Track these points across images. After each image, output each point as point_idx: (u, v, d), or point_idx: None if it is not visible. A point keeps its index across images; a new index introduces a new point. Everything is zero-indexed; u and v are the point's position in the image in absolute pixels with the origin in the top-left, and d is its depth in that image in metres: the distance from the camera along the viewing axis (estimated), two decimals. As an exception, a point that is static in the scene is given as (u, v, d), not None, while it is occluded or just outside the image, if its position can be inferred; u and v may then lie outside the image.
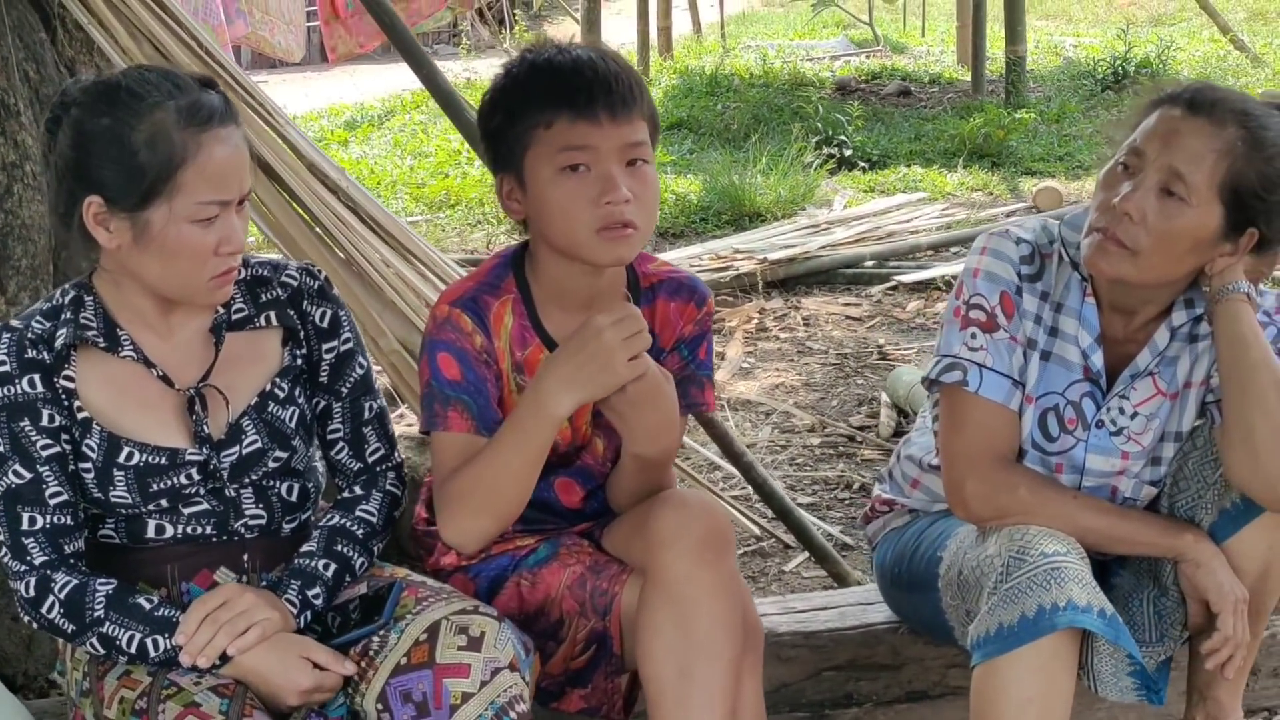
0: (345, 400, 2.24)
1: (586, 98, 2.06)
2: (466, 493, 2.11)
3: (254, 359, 2.18)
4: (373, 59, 15.52)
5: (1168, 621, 2.37)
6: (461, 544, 2.17)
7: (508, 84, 2.15)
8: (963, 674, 2.69)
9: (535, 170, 2.10)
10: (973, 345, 2.29)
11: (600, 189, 2.06)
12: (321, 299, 2.22)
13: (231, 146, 2.01)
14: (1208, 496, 2.32)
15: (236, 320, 2.17)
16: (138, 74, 2.04)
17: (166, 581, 2.11)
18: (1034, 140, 9.46)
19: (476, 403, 2.15)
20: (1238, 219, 2.18)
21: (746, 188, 7.64)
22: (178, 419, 2.10)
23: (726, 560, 2.12)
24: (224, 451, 2.11)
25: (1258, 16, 16.79)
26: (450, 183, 8.68)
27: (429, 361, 2.17)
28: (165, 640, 1.98)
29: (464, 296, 2.20)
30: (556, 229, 2.11)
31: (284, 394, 2.17)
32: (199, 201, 1.98)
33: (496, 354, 2.19)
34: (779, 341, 5.61)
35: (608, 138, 2.07)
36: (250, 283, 2.19)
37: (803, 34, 16.77)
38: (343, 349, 2.23)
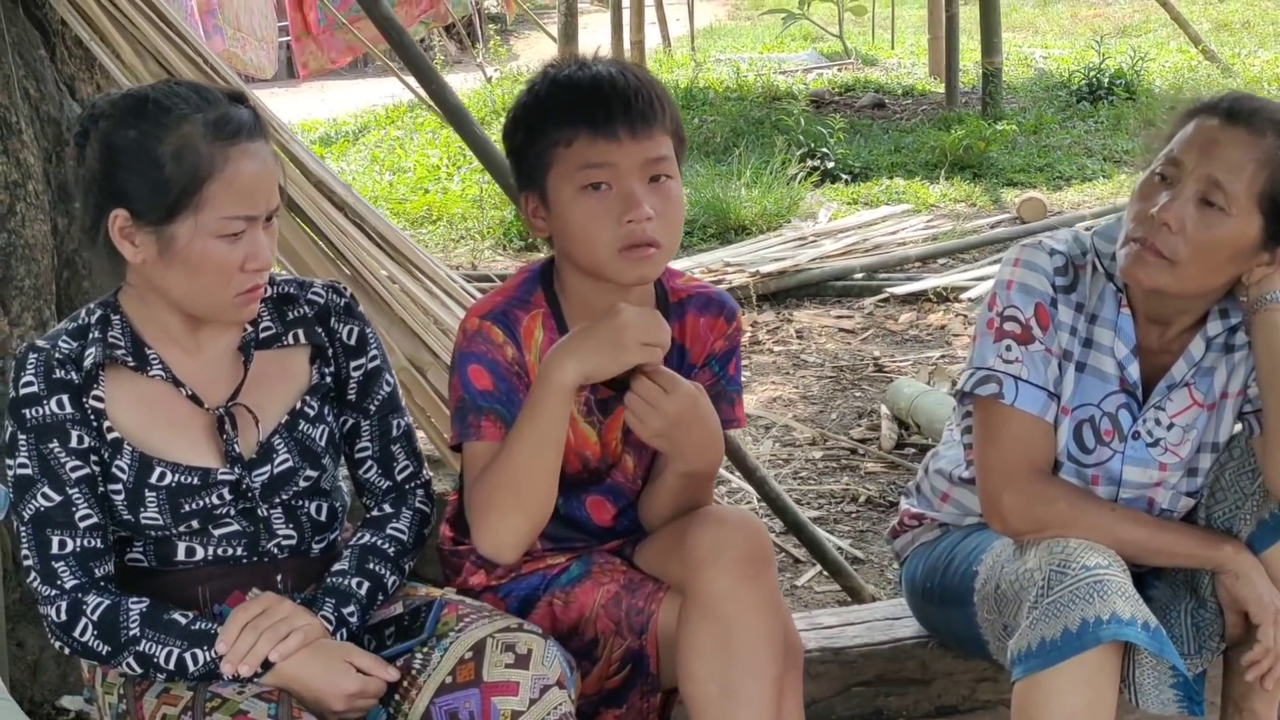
0: (374, 418, 2.21)
1: (605, 115, 2.04)
2: (491, 493, 2.06)
3: (283, 377, 2.16)
4: (342, 75, 15.53)
5: (1206, 633, 2.36)
6: (498, 550, 2.10)
7: (530, 101, 2.13)
8: (993, 688, 2.70)
9: (557, 189, 2.08)
10: (1008, 358, 2.28)
11: (622, 207, 2.04)
12: (348, 316, 2.20)
13: (259, 161, 1.99)
14: (1246, 507, 2.31)
15: (265, 338, 2.14)
16: (166, 87, 2.02)
17: (198, 604, 2.08)
18: (1014, 151, 9.50)
19: (509, 412, 2.12)
20: (1276, 228, 2.18)
21: (731, 201, 7.64)
22: (208, 438, 2.08)
23: (768, 576, 2.09)
24: (255, 471, 2.08)
25: (1222, 28, 16.95)
26: (431, 198, 8.64)
27: (460, 375, 2.14)
28: (205, 653, 1.95)
29: (494, 310, 2.17)
30: (579, 248, 2.09)
31: (314, 412, 2.15)
32: (224, 216, 1.95)
33: (527, 367, 2.17)
34: (773, 355, 5.60)
35: (628, 155, 2.04)
36: (277, 300, 2.17)
37: (771, 47, 16.81)
38: (370, 366, 2.21)
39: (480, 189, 8.48)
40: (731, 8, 24.30)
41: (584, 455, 2.22)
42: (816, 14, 15.76)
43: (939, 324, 5.94)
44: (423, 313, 3.38)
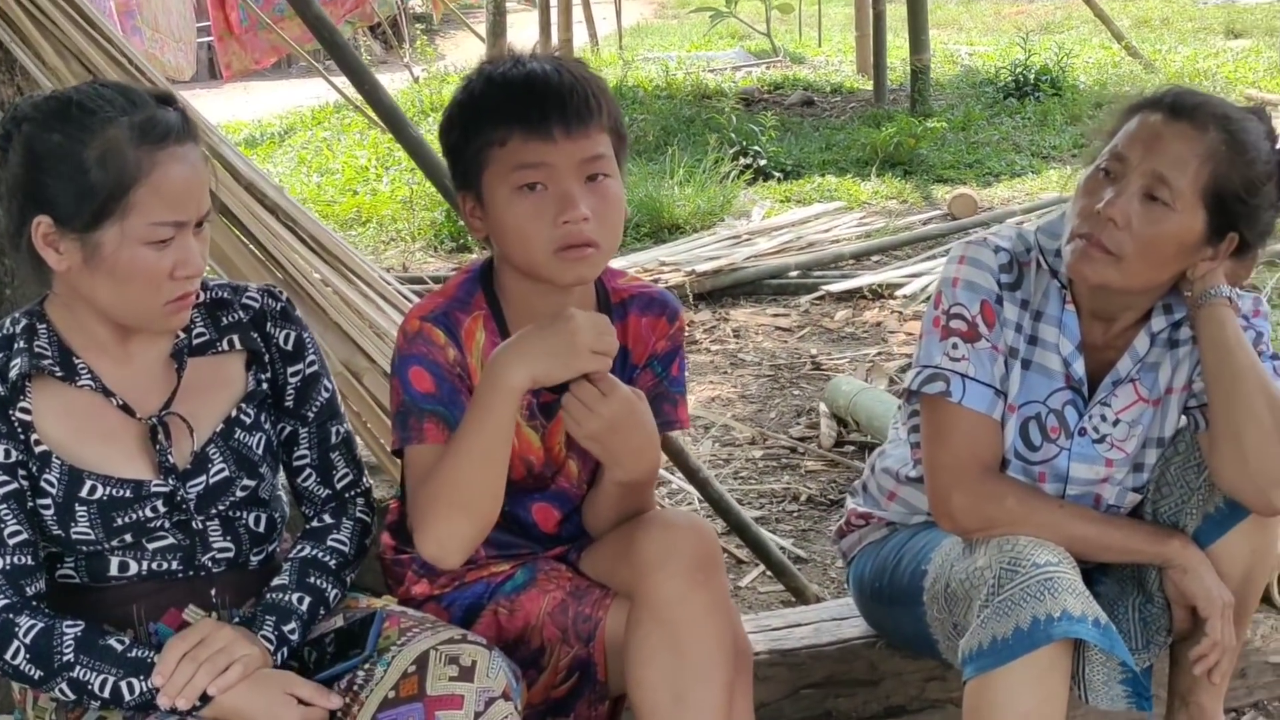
0: (312, 425, 2.17)
1: (540, 114, 1.99)
2: (436, 495, 2.00)
3: (217, 384, 2.10)
4: (266, 75, 15.35)
5: (1153, 628, 2.37)
6: (442, 555, 2.03)
7: (465, 100, 2.09)
8: (941, 687, 2.69)
9: (492, 190, 2.04)
10: (954, 355, 2.27)
11: (557, 208, 2.00)
12: (285, 321, 2.15)
13: (188, 165, 1.93)
14: (1192, 502, 2.32)
15: (198, 345, 2.09)
16: (91, 89, 1.95)
17: (133, 622, 2.02)
18: (943, 148, 9.55)
19: (452, 414, 2.07)
20: (1220, 223, 2.18)
21: (665, 199, 7.62)
22: (140, 449, 2.02)
23: (717, 580, 2.07)
24: (190, 482, 2.02)
25: (1143, 24, 17.21)
26: (360, 200, 8.55)
27: (401, 378, 2.10)
28: (141, 682, 1.89)
29: (435, 312, 2.13)
30: (515, 249, 2.06)
31: (250, 420, 2.10)
32: (152, 222, 1.89)
33: (469, 369, 2.13)
34: (711, 354, 5.58)
35: (563, 154, 2.00)
36: (210, 306, 2.11)
37: (699, 45, 16.84)
38: (308, 372, 2.16)
39: (410, 190, 8.40)
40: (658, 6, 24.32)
41: (528, 460, 2.18)
42: (743, 12, 15.79)
43: (875, 321, 5.95)
44: (358, 316, 3.32)
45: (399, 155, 9.51)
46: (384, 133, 10.25)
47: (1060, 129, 10.30)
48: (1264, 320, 2.32)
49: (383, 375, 3.20)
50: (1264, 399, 2.16)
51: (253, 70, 12.88)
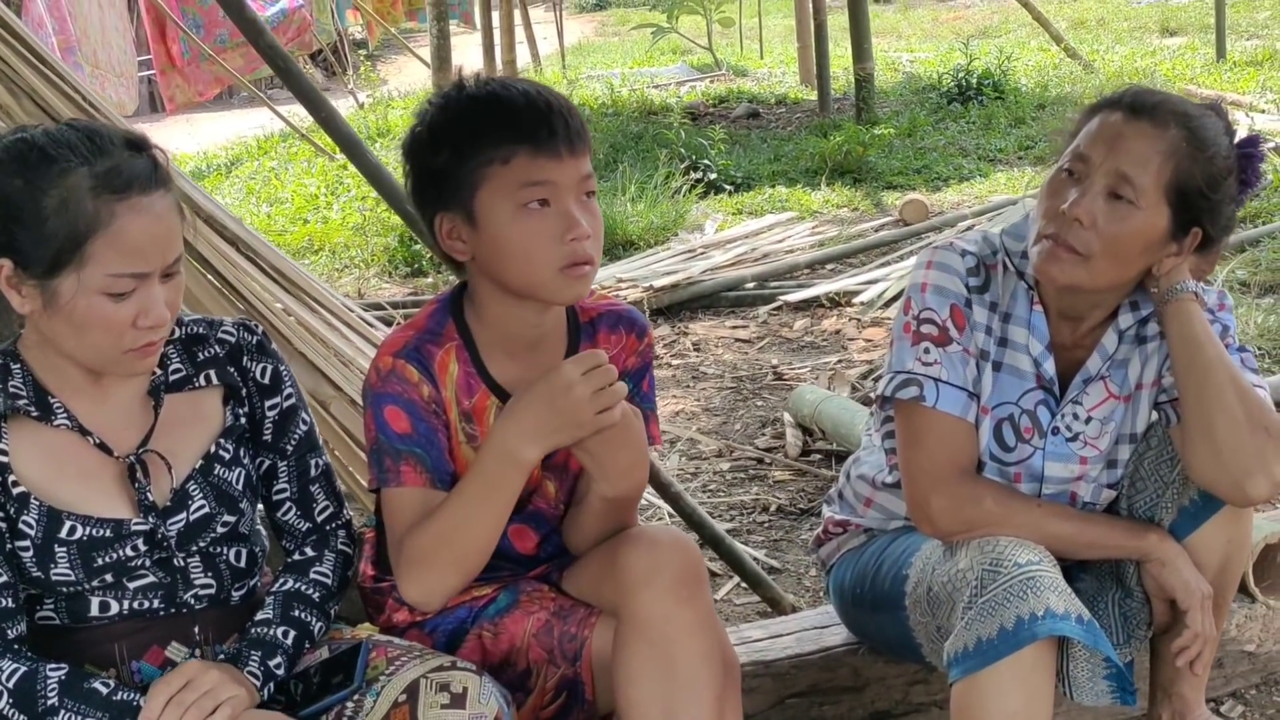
0: (291, 458, 2.16)
1: (548, 131, 2.00)
2: (432, 550, 2.02)
3: (195, 420, 2.08)
4: (208, 108, 15.26)
5: (1134, 622, 2.39)
6: (426, 602, 2.06)
7: (450, 119, 2.07)
8: (925, 690, 2.70)
9: (491, 208, 2.02)
10: (926, 360, 2.28)
11: (563, 226, 2.01)
12: (261, 354, 2.13)
13: (152, 217, 1.87)
14: (1166, 496, 2.34)
15: (175, 381, 2.07)
16: (57, 134, 1.91)
17: (115, 661, 1.99)
18: (891, 155, 9.62)
19: (429, 455, 2.07)
20: (1184, 219, 2.21)
21: (617, 217, 7.63)
22: (119, 488, 2.00)
23: (703, 596, 2.07)
24: (170, 519, 2.00)
25: (1079, 25, 17.44)
26: (312, 228, 8.50)
27: (375, 416, 2.09)
28: None
29: (407, 347, 2.12)
30: (516, 267, 2.04)
31: (229, 455, 2.08)
32: (110, 274, 1.86)
33: (444, 404, 2.12)
34: (672, 369, 5.58)
35: (567, 172, 2.01)
36: (186, 341, 2.09)
37: (641, 62, 16.92)
38: (285, 405, 2.15)
39: (363, 217, 8.36)
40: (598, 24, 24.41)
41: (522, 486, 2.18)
42: (684, 27, 15.88)
43: (834, 329, 5.97)
44: (322, 345, 3.30)
45: (349, 182, 9.49)
46: (332, 160, 10.28)
47: (1005, 131, 10.40)
48: (1229, 314, 2.35)
49: (350, 404, 3.18)
50: (1234, 390, 2.18)
51: (196, 102, 12.83)
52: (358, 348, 3.38)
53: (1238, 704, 2.91)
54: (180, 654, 2.01)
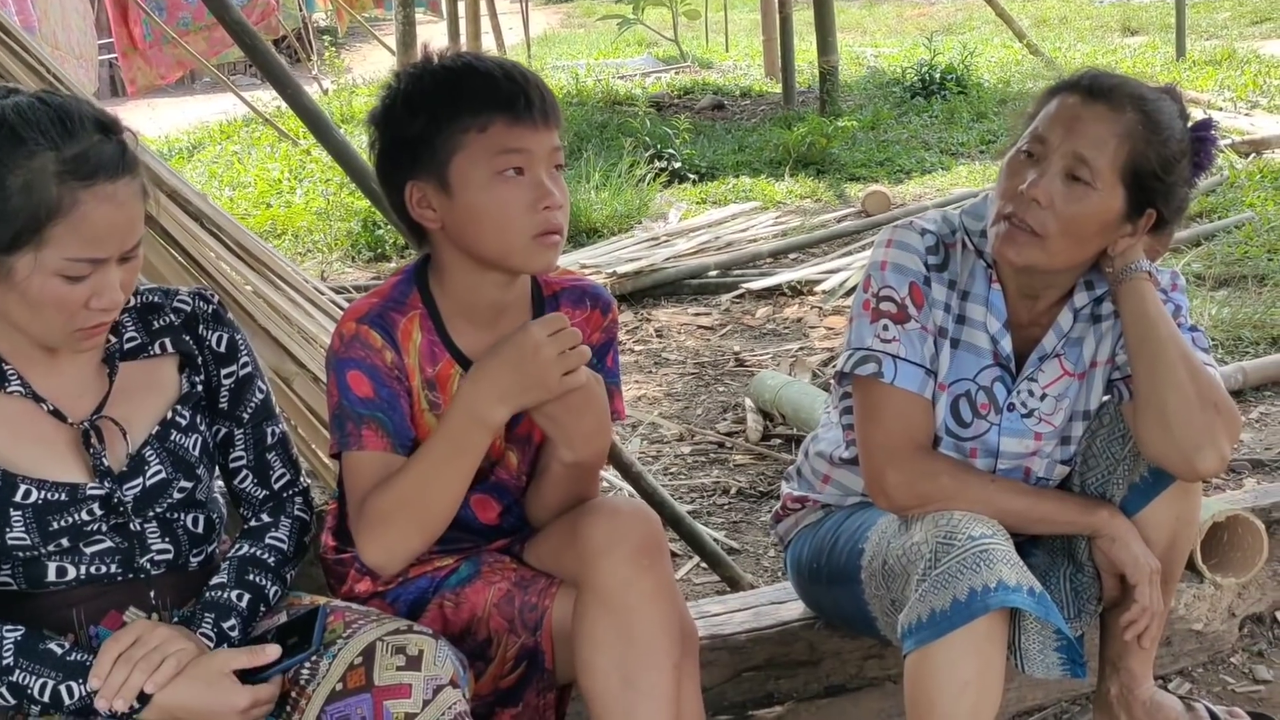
0: (247, 426, 2.17)
1: (525, 101, 2.03)
2: (393, 511, 2.03)
3: (150, 388, 2.09)
4: (170, 92, 15.16)
5: (1084, 596, 2.43)
6: (386, 565, 2.07)
7: (427, 87, 2.08)
8: (880, 665, 2.74)
9: (466, 175, 2.04)
10: (885, 337, 2.32)
11: (535, 195, 2.03)
12: (217, 323, 2.14)
13: (115, 204, 1.85)
14: (1118, 472, 2.38)
15: (130, 349, 2.08)
16: (29, 112, 1.87)
17: (73, 626, 2.00)
18: (854, 147, 9.67)
19: (391, 420, 2.09)
20: (1138, 200, 2.24)
21: (582, 204, 7.64)
22: (74, 454, 2.00)
23: (663, 565, 2.09)
24: (126, 484, 2.01)
25: (1042, 23, 17.56)
26: (275, 212, 8.47)
27: (337, 380, 2.10)
28: (80, 686, 1.87)
29: (370, 313, 2.13)
30: (489, 235, 2.06)
31: (186, 421, 2.09)
32: (67, 258, 1.84)
33: (407, 371, 2.14)
34: (635, 354, 5.61)
35: (541, 142, 2.04)
36: (142, 310, 2.10)
37: (607, 53, 16.92)
38: (242, 374, 2.16)
39: (326, 201, 8.34)
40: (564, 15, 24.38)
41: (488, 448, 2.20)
42: (650, 19, 15.91)
43: (795, 317, 6.01)
44: (285, 322, 3.31)
45: (312, 167, 9.46)
46: (296, 145, 10.25)
47: (967, 126, 10.47)
48: (1181, 294, 2.39)
49: (313, 380, 3.19)
50: (1185, 368, 2.23)
51: (157, 86, 12.72)
52: (321, 324, 3.38)
53: (1185, 681, 2.96)
54: (137, 619, 2.01)
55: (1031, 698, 2.84)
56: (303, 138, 10.16)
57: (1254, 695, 2.89)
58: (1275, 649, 3.06)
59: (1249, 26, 16.10)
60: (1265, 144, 8.82)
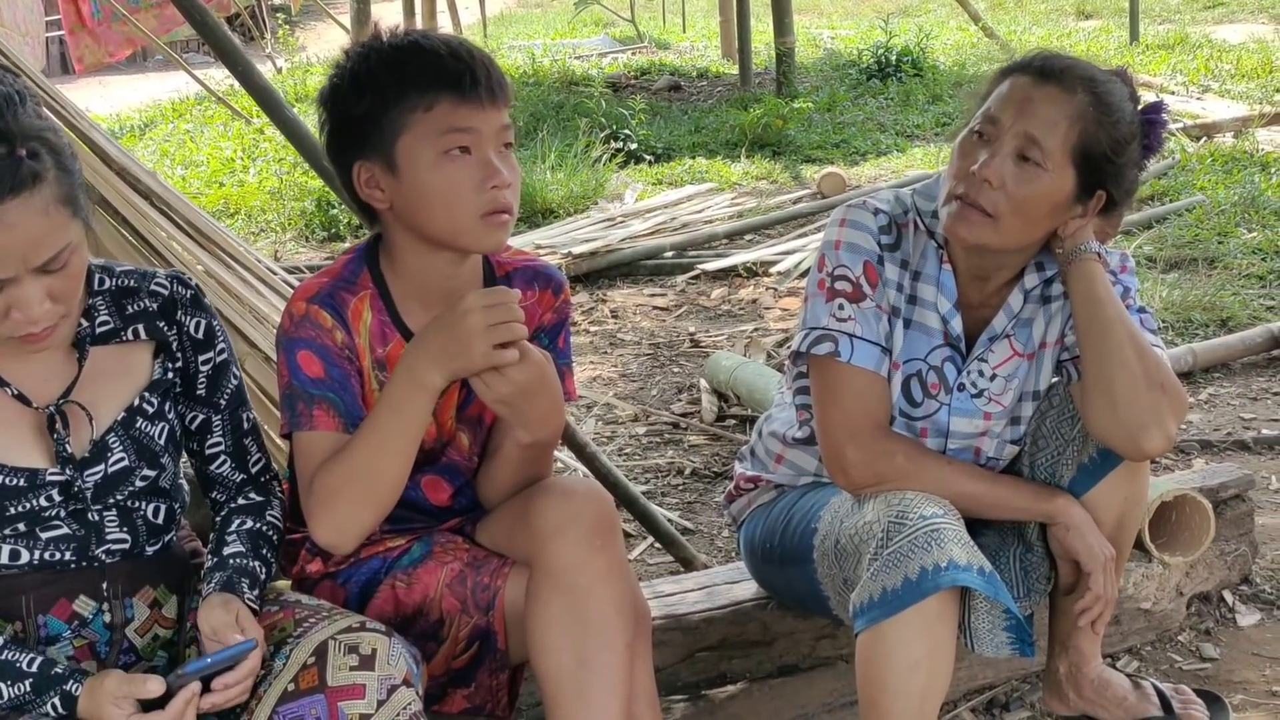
0: (225, 412, 2.15)
1: (471, 80, 2.01)
2: (341, 485, 2.01)
3: (120, 373, 2.05)
4: (121, 69, 15.01)
5: (1033, 576, 2.45)
6: (338, 542, 2.05)
7: (372, 66, 2.06)
8: (833, 644, 2.75)
9: (412, 154, 2.03)
10: (840, 316, 2.32)
11: (483, 174, 2.02)
12: (195, 309, 2.11)
13: (5, 226, 1.74)
14: (1067, 453, 2.40)
15: (101, 334, 2.04)
16: None
17: (21, 614, 1.97)
18: (810, 129, 9.69)
19: (343, 399, 2.08)
20: (1089, 181, 2.26)
21: (537, 184, 7.62)
22: (36, 438, 1.97)
23: (615, 545, 2.09)
24: (88, 471, 1.98)
25: (997, 6, 17.62)
26: (228, 191, 8.41)
27: (288, 360, 2.09)
28: (9, 688, 1.84)
29: (321, 293, 2.12)
30: (438, 214, 2.05)
31: (153, 409, 2.06)
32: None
33: (358, 351, 2.12)
34: (590, 335, 5.60)
35: (488, 121, 2.03)
36: (116, 294, 2.06)
37: (563, 33, 16.86)
38: (219, 360, 2.13)
39: (279, 181, 8.28)
40: (521, -5, 24.25)
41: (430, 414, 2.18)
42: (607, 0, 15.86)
43: (750, 298, 6.02)
44: (237, 301, 3.29)
45: (265, 146, 9.39)
46: (249, 124, 10.16)
47: (923, 108, 10.51)
48: (1131, 275, 2.41)
49: (264, 360, 3.17)
50: (1132, 348, 2.24)
51: (106, 64, 12.59)
52: (272, 304, 3.36)
53: (1133, 659, 2.99)
54: (88, 608, 1.99)
55: (982, 676, 2.86)
56: (256, 116, 10.08)
57: (1201, 673, 2.92)
58: (1222, 627, 3.09)
59: (1201, 11, 16.22)
60: (1216, 128, 8.89)
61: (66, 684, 1.85)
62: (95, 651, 2.00)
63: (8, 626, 1.96)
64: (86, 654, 1.99)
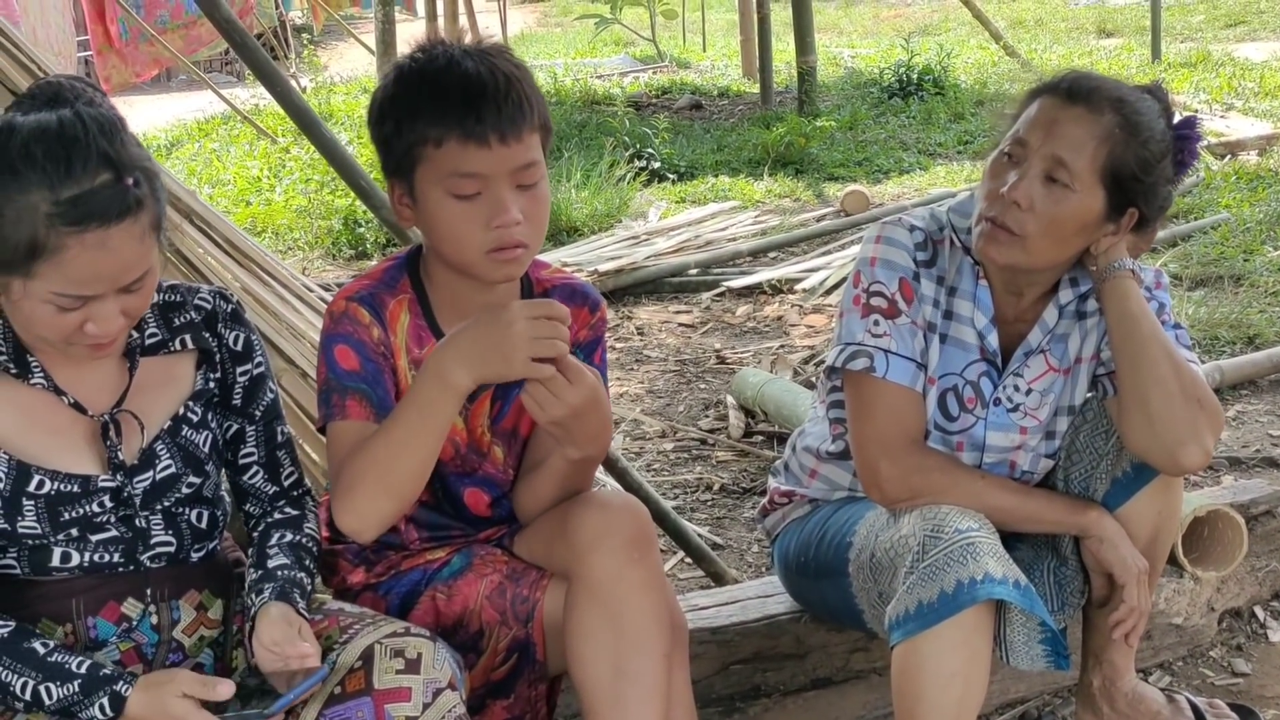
0: (259, 423, 2.20)
1: (476, 119, 1.99)
2: (363, 471, 2.01)
3: (166, 383, 2.11)
4: (146, 89, 15.11)
5: (1067, 590, 2.46)
6: (359, 529, 2.04)
7: (398, 91, 2.09)
8: (866, 658, 2.77)
9: (425, 187, 2.06)
10: (876, 332, 2.34)
11: (491, 212, 2.02)
12: (235, 322, 2.17)
13: (106, 250, 1.83)
14: (1101, 467, 2.41)
15: (150, 345, 2.10)
16: (35, 140, 1.82)
17: (71, 616, 2.02)
18: (833, 147, 9.71)
19: (375, 392, 2.11)
20: (1119, 200, 2.28)
21: (562, 203, 7.66)
22: (90, 445, 2.03)
23: (652, 557, 2.11)
24: (137, 477, 2.04)
25: (1018, 25, 17.63)
26: (255, 210, 8.46)
27: (325, 356, 2.13)
28: (59, 688, 1.88)
29: (361, 292, 2.17)
30: (447, 247, 2.09)
31: (197, 418, 2.12)
32: (54, 291, 1.85)
33: (393, 349, 2.16)
34: (616, 352, 5.63)
35: (498, 162, 2.01)
36: (164, 307, 2.13)
37: (584, 52, 16.93)
38: (255, 372, 2.19)
39: (307, 199, 8.33)
40: (541, 14, 24.37)
41: (454, 441, 2.21)
42: (628, 18, 15.92)
43: (775, 315, 6.04)
44: (274, 318, 3.31)
45: (291, 165, 9.44)
46: (274, 143, 10.22)
47: (944, 126, 10.52)
48: (1165, 291, 2.43)
49: (300, 376, 3.20)
50: (1168, 364, 2.26)
51: (133, 83, 12.67)
52: (308, 320, 3.39)
53: (1165, 674, 2.99)
54: (135, 609, 2.04)
55: (1015, 690, 2.87)
56: (282, 135, 10.14)
57: (1233, 688, 2.93)
58: (1253, 643, 3.10)
59: (1223, 29, 16.21)
60: (1240, 145, 8.89)
61: (116, 684, 1.88)
62: (142, 654, 2.04)
63: (58, 629, 2.00)
64: (134, 658, 2.03)
